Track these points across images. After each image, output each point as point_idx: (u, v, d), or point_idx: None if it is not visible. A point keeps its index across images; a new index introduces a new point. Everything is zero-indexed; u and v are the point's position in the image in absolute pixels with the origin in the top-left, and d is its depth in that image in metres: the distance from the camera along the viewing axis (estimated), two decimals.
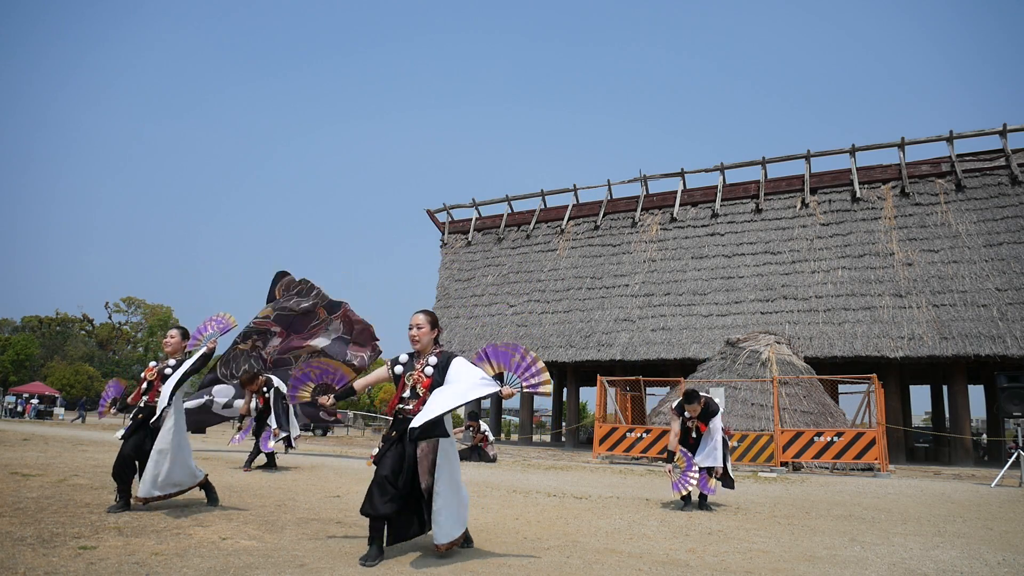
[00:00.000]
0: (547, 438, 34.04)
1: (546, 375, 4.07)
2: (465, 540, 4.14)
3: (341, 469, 9.95)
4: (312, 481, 7.93)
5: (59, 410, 37.56)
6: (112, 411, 6.07)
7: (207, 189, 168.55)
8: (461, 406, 3.86)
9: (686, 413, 6.82)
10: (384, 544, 3.83)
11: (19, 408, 35.10)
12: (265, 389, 9.86)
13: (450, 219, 28.79)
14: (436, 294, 27.33)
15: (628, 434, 14.57)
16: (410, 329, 4.16)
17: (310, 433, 31.23)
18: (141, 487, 5.12)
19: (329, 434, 32.61)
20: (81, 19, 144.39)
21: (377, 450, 4.02)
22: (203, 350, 5.31)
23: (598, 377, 16.23)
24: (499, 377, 4.16)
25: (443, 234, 28.75)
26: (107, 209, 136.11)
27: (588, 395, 31.54)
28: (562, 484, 8.78)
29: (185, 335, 5.75)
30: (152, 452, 5.16)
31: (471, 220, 28.22)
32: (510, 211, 27.51)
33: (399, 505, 3.83)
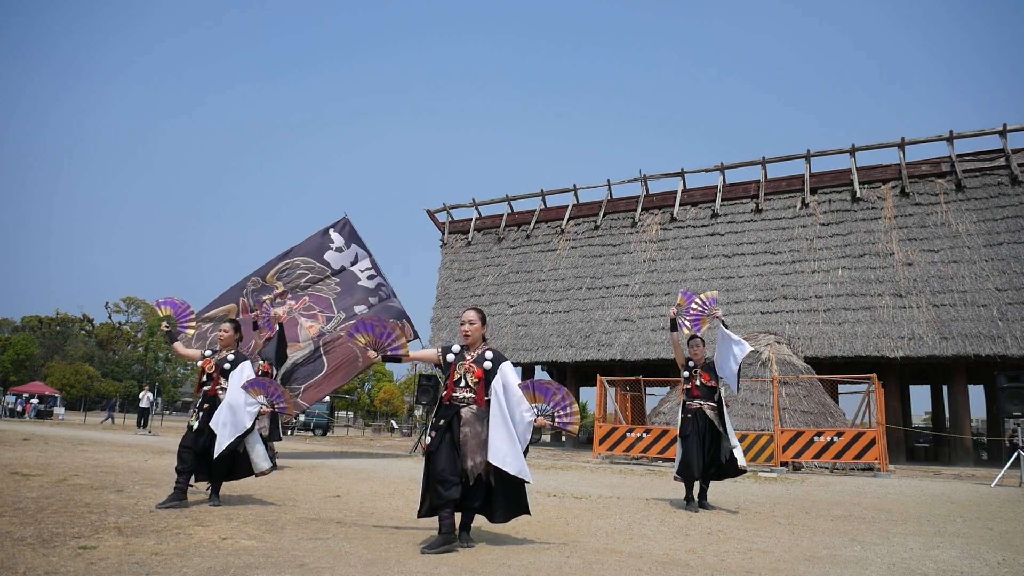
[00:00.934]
0: (547, 438, 34.02)
1: (578, 417, 4.42)
2: (466, 541, 4.25)
3: (341, 469, 9.95)
4: (312, 481, 7.93)
5: (59, 410, 37.56)
6: (164, 327, 6.18)
7: (208, 189, 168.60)
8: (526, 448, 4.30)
9: (690, 363, 7.00)
10: (453, 530, 4.10)
11: (19, 408, 35.10)
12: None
13: (450, 219, 28.79)
14: (436, 294, 27.34)
15: (628, 434, 14.57)
16: (462, 325, 4.49)
17: (310, 433, 31.25)
18: (255, 466, 5.67)
19: (329, 434, 32.62)
20: (83, 18, 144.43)
21: (430, 439, 4.31)
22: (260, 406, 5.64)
23: (598, 377, 16.23)
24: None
25: (443, 234, 28.75)
26: (108, 209, 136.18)
27: (588, 395, 31.55)
28: (562, 484, 8.78)
29: (237, 328, 5.88)
30: (248, 438, 5.63)
31: (471, 220, 28.21)
32: (510, 211, 27.50)
33: (460, 488, 4.15)
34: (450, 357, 4.43)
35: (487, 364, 4.34)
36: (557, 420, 4.27)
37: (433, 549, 3.93)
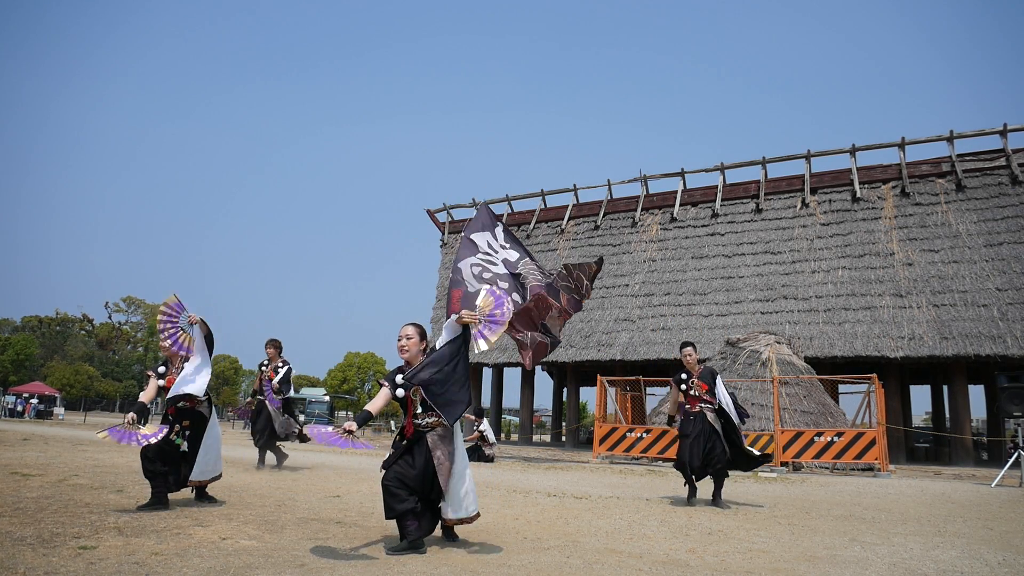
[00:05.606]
0: (547, 438, 34.04)
1: (495, 337, 4.23)
2: (451, 537, 4.29)
3: (341, 469, 9.95)
4: (312, 481, 7.92)
5: (59, 410, 37.56)
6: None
7: (209, 189, 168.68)
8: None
9: (683, 375, 7.08)
10: (415, 535, 4.00)
11: (19, 408, 35.10)
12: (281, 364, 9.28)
13: (450, 219, 28.78)
14: (436, 294, 27.33)
15: (628, 434, 14.57)
16: (399, 340, 4.27)
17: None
18: (195, 472, 5.42)
19: None
20: (84, 18, 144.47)
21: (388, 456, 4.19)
22: (196, 334, 5.46)
23: (598, 377, 16.23)
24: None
25: (443, 234, 28.74)
26: (108, 209, 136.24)
27: (588, 395, 31.59)
28: (562, 484, 8.78)
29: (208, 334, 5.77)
30: (204, 441, 5.45)
31: (471, 220, 28.18)
32: (510, 211, 27.50)
33: (416, 503, 3.99)
34: (400, 392, 4.10)
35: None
36: (480, 325, 4.16)
37: (394, 551, 3.85)
